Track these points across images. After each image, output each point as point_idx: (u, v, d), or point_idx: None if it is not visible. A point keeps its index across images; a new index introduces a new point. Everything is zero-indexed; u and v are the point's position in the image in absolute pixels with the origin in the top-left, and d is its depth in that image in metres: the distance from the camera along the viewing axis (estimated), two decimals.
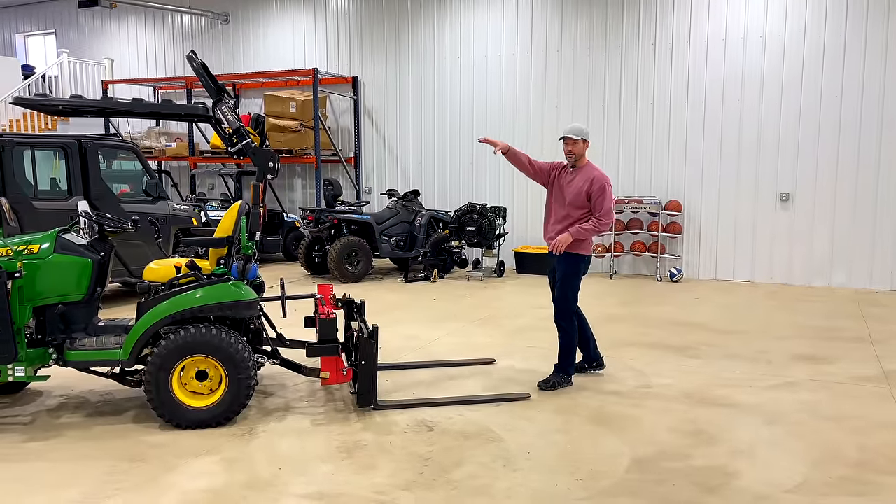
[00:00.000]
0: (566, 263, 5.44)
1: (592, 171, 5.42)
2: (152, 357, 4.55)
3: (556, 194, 5.54)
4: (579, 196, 5.33)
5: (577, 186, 5.35)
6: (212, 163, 13.64)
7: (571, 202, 5.37)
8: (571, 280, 5.46)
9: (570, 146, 5.41)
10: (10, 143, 7.54)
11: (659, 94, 10.87)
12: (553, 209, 5.56)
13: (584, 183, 5.34)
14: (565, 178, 5.47)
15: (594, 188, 5.31)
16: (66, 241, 4.75)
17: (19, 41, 17.33)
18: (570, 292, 5.48)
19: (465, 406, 5.09)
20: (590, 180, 5.34)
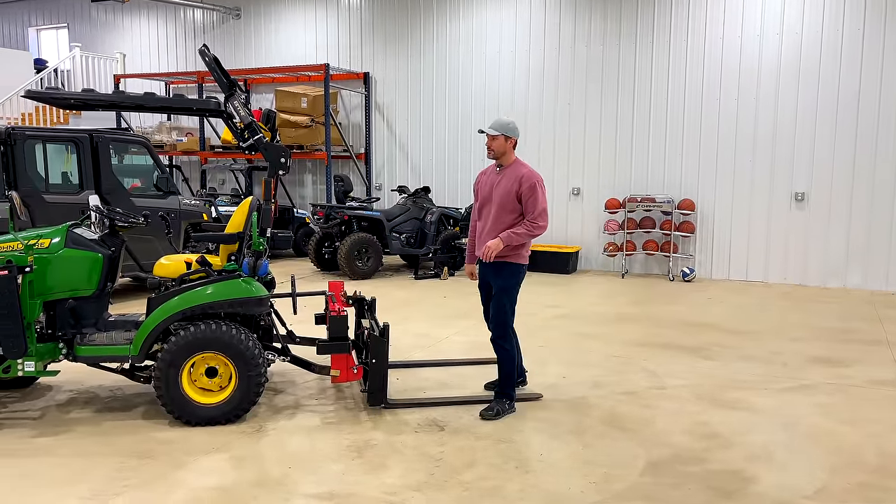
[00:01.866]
0: (502, 275, 4.83)
1: (520, 168, 4.82)
2: (162, 353, 4.52)
3: (483, 199, 4.93)
4: (508, 197, 4.75)
5: (505, 187, 4.77)
6: (222, 158, 13.62)
7: (501, 205, 4.77)
8: (509, 293, 4.84)
9: (489, 141, 4.83)
10: (21, 137, 7.52)
11: (673, 92, 10.76)
12: (482, 215, 4.95)
13: (511, 183, 4.75)
14: (493, 180, 4.88)
15: (523, 188, 4.73)
16: (77, 236, 4.72)
17: (31, 35, 17.37)
18: (508, 306, 4.85)
19: (477, 406, 5.03)
20: (518, 180, 4.75)
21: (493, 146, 4.83)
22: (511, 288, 4.85)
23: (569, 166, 11.57)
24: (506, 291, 4.83)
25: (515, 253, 4.81)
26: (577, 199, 11.57)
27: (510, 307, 4.86)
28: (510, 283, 4.84)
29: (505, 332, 4.87)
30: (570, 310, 8.39)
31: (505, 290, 4.83)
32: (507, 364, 4.89)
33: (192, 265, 4.84)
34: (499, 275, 4.85)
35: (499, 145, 4.82)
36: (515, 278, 4.88)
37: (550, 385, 5.53)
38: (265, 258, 4.88)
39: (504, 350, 4.87)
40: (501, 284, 4.83)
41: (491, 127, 4.84)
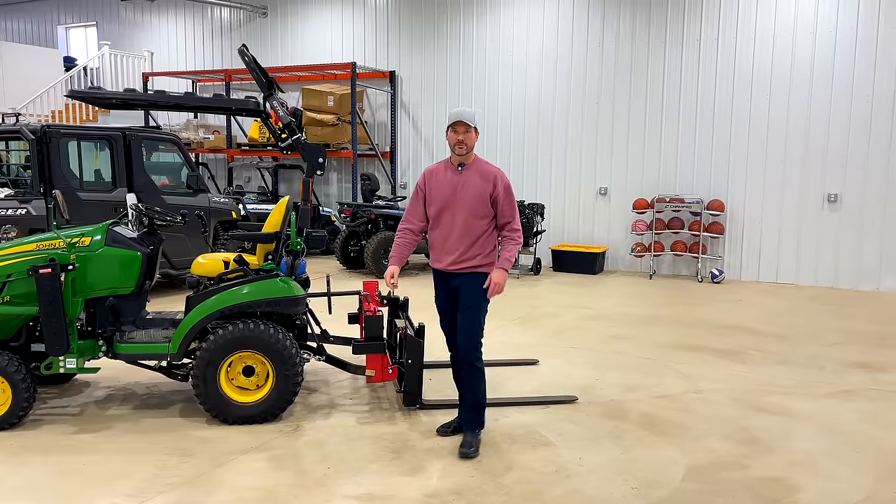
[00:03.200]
0: (475, 285, 4.21)
1: (487, 167, 4.26)
2: (200, 352, 4.55)
3: (442, 203, 4.21)
4: (480, 201, 4.15)
5: (477, 189, 4.16)
6: (249, 156, 13.71)
7: (471, 210, 4.15)
8: (483, 307, 4.29)
9: (462, 135, 4.16)
10: (57, 135, 7.61)
11: (703, 91, 10.65)
12: (441, 223, 4.24)
13: (484, 184, 4.16)
14: (454, 181, 4.20)
15: (499, 190, 4.17)
16: (117, 234, 4.76)
17: (61, 33, 17.58)
18: (481, 324, 4.32)
19: (512, 407, 5.02)
20: (491, 180, 4.18)
21: (466, 141, 4.16)
22: (485, 302, 4.29)
23: (596, 166, 11.49)
24: (481, 306, 4.27)
25: (490, 262, 4.25)
26: (605, 198, 11.49)
27: (482, 325, 4.31)
28: (484, 294, 4.23)
29: (477, 351, 4.29)
30: (598, 311, 8.33)
31: (480, 304, 4.26)
32: (480, 384, 4.33)
33: (229, 264, 4.86)
34: (475, 287, 4.21)
35: (472, 140, 4.19)
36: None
37: (583, 387, 5.49)
38: (302, 258, 4.88)
39: (478, 371, 4.30)
40: (477, 299, 4.22)
41: (465, 117, 4.14)
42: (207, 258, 5.09)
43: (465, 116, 4.17)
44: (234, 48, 14.76)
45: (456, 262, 4.22)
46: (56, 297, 4.37)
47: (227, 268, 4.87)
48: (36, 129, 7.52)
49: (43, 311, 4.38)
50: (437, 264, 4.31)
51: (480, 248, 4.21)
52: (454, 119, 4.20)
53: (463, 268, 4.21)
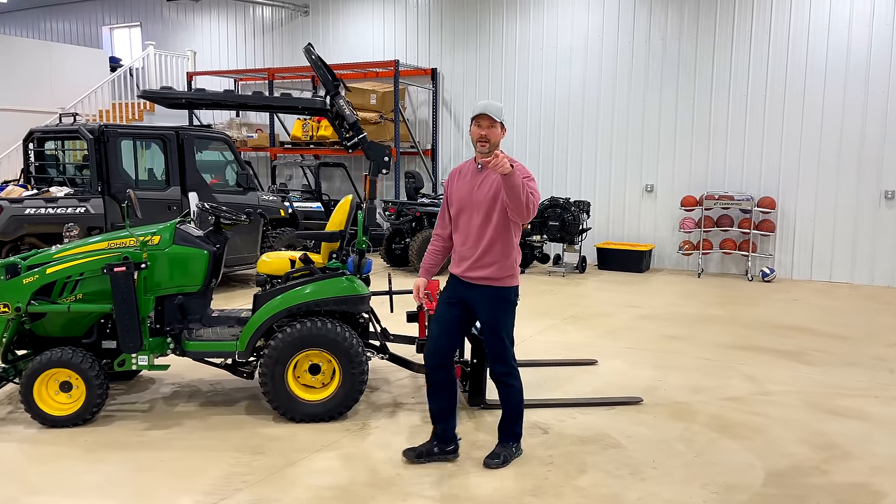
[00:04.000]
0: (496, 304, 3.87)
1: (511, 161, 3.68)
2: (269, 350, 4.57)
3: (461, 205, 3.88)
4: (497, 200, 3.75)
5: (494, 187, 3.76)
6: (291, 154, 13.80)
7: (488, 212, 3.77)
8: (505, 321, 3.93)
9: (486, 130, 3.74)
10: (114, 134, 7.72)
11: (754, 85, 10.44)
12: (460, 225, 3.90)
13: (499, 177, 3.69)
14: (474, 181, 3.85)
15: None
16: (184, 233, 4.81)
17: (105, 33, 17.88)
18: (507, 339, 3.96)
19: (577, 408, 4.96)
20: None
21: (491, 137, 3.76)
22: (508, 317, 3.93)
23: (642, 163, 11.34)
24: (504, 319, 3.90)
25: (509, 274, 3.85)
26: (650, 196, 11.33)
27: (510, 337, 3.97)
28: (507, 311, 3.90)
29: (510, 366, 3.98)
30: (650, 310, 8.22)
31: (503, 317, 3.90)
32: (516, 402, 4.05)
33: (295, 263, 4.88)
34: (491, 303, 3.86)
35: (496, 136, 3.78)
36: (512, 304, 3.94)
37: (647, 389, 5.41)
38: (368, 256, 4.88)
39: (511, 387, 4.01)
40: (497, 312, 3.89)
41: (489, 111, 3.73)
42: (272, 256, 5.11)
43: (490, 109, 3.74)
44: (275, 47, 14.89)
45: (470, 268, 3.84)
46: (130, 295, 4.42)
47: (293, 266, 4.88)
48: (94, 129, 7.64)
49: (117, 309, 4.44)
50: (454, 268, 3.96)
51: (496, 257, 3.80)
52: (478, 111, 3.76)
53: (476, 277, 3.83)
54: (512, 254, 3.86)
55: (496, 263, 3.82)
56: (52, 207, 7.27)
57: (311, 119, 13.02)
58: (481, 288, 3.85)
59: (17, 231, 7.06)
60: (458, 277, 3.93)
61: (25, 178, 8.51)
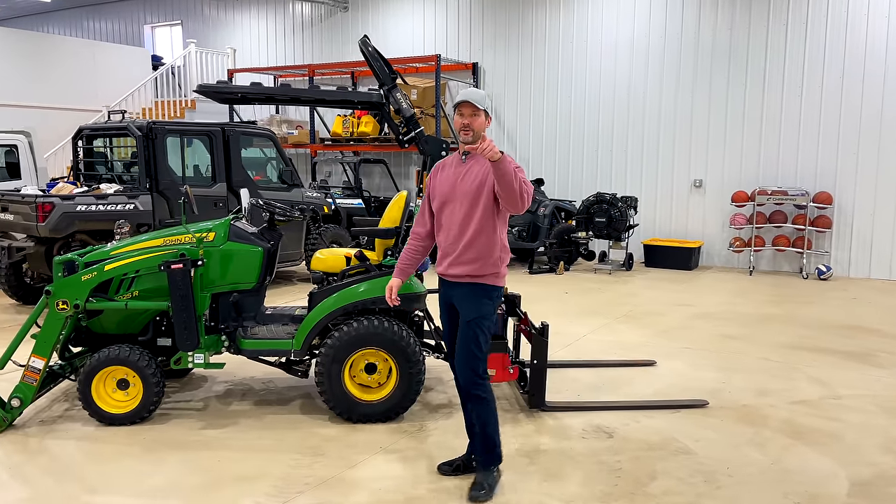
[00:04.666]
0: (475, 299, 3.56)
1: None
2: (325, 349, 4.48)
3: (443, 199, 3.60)
4: (481, 190, 3.47)
5: (476, 175, 3.50)
6: (331, 150, 13.77)
7: (471, 201, 3.49)
8: (483, 325, 3.56)
9: (468, 118, 3.48)
10: (162, 131, 7.73)
11: (809, 76, 10.09)
12: (442, 219, 3.62)
13: (484, 168, 3.47)
14: (458, 173, 3.57)
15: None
16: (239, 230, 4.74)
17: (147, 32, 18.08)
18: (483, 342, 3.58)
19: (640, 411, 4.79)
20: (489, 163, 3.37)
21: (474, 125, 3.48)
22: (487, 316, 3.59)
23: (690, 157, 11.06)
24: (480, 321, 3.56)
25: (492, 272, 3.55)
26: (699, 191, 11.05)
27: (487, 344, 3.61)
28: (486, 310, 3.58)
29: (481, 376, 3.60)
30: (704, 309, 7.98)
31: (479, 320, 3.55)
32: (486, 414, 3.65)
33: (350, 260, 4.78)
34: (471, 300, 3.56)
35: (480, 124, 3.51)
36: (493, 304, 3.61)
37: (711, 391, 5.21)
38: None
39: (483, 401, 3.62)
40: (475, 312, 3.55)
41: (472, 98, 3.49)
42: (326, 253, 5.02)
43: (472, 97, 3.51)
44: (314, 43, 14.87)
45: (452, 265, 3.57)
46: (187, 292, 4.37)
47: (348, 264, 4.79)
48: (142, 126, 7.65)
49: (174, 307, 4.39)
50: (438, 267, 3.68)
51: (479, 252, 3.51)
52: (460, 99, 3.53)
53: (458, 274, 3.55)
54: (496, 250, 3.54)
55: (479, 260, 3.52)
56: (102, 204, 7.29)
57: (352, 115, 12.97)
58: (462, 286, 3.58)
59: (69, 228, 7.10)
60: (441, 277, 3.68)
61: (74, 174, 8.58)
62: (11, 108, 12.97)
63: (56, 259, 4.62)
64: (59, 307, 4.39)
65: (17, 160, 9.59)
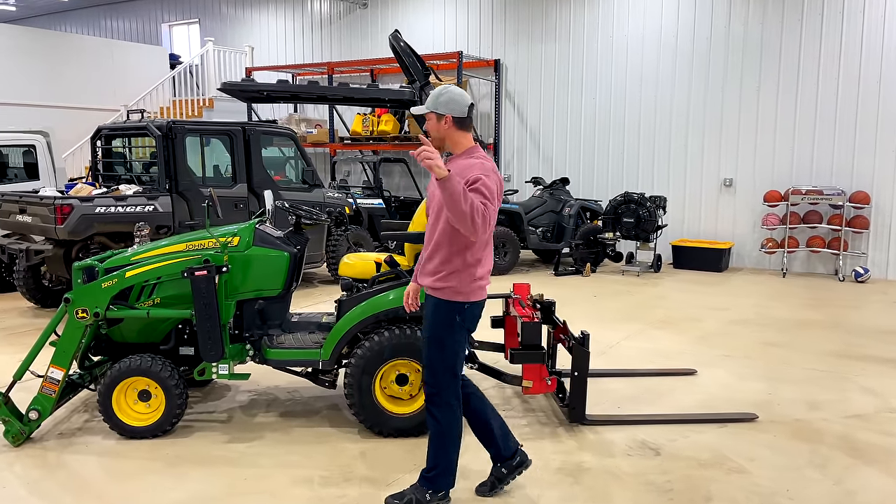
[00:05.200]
0: (433, 315, 3.34)
1: (470, 161, 3.25)
2: (355, 359, 4.27)
3: (428, 207, 3.45)
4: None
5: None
6: (351, 150, 13.57)
7: (438, 209, 3.25)
8: (442, 339, 3.32)
9: (427, 125, 3.36)
10: (182, 131, 7.55)
11: (845, 71, 9.75)
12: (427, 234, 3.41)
13: (460, 173, 3.12)
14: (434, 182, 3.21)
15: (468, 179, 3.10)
16: (264, 234, 4.54)
17: (164, 30, 17.97)
18: (440, 359, 3.33)
19: (686, 425, 4.53)
20: (469, 168, 3.19)
21: (429, 129, 3.31)
22: (446, 331, 3.30)
23: (720, 156, 10.75)
24: (439, 337, 3.32)
25: (450, 285, 3.26)
26: (729, 191, 10.73)
27: (444, 361, 3.33)
28: (440, 329, 3.31)
29: (438, 393, 3.35)
30: (739, 313, 7.69)
31: (438, 335, 3.32)
32: (436, 438, 3.40)
33: (380, 266, 4.56)
34: (429, 314, 3.36)
35: (432, 128, 3.27)
36: (448, 324, 3.30)
37: (758, 403, 4.94)
38: None
39: (431, 418, 3.38)
40: (433, 326, 3.34)
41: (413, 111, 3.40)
42: (355, 259, 4.80)
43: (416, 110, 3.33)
44: (333, 41, 14.67)
45: (419, 274, 3.42)
46: (212, 300, 4.17)
47: (378, 270, 4.57)
48: (162, 126, 7.48)
49: (198, 315, 4.20)
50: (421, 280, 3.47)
51: (443, 265, 3.26)
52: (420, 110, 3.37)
53: (423, 284, 3.38)
54: (455, 261, 3.24)
55: (443, 272, 3.27)
56: (121, 206, 7.12)
57: (372, 113, 12.77)
58: (428, 298, 3.37)
59: (88, 230, 6.94)
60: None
61: (93, 175, 8.43)
62: (28, 108, 12.88)
63: (75, 265, 4.44)
64: (79, 315, 4.21)
65: (35, 161, 9.47)
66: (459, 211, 2.97)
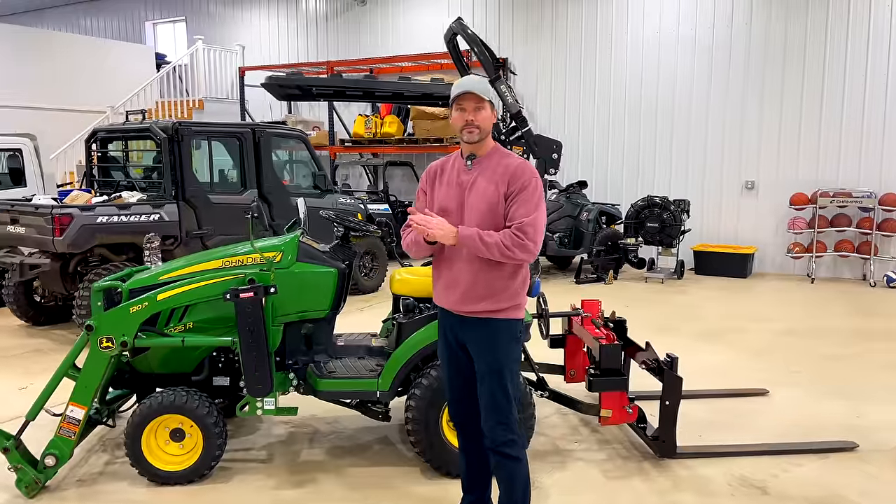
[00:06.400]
0: (495, 341, 2.90)
1: (507, 157, 2.90)
2: (420, 391, 3.76)
3: (443, 209, 2.93)
4: (492, 210, 2.83)
5: (484, 190, 2.85)
6: (352, 152, 13.01)
7: (481, 224, 2.82)
8: (508, 369, 2.91)
9: (472, 113, 2.84)
10: (188, 133, 6.96)
11: (873, 68, 9.45)
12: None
13: (498, 184, 2.84)
14: (463, 181, 2.91)
15: (515, 188, 2.81)
16: (308, 248, 4.01)
17: (148, 29, 17.24)
18: (513, 389, 2.94)
19: (782, 457, 4.09)
20: (507, 178, 2.84)
21: (478, 120, 2.85)
22: (510, 367, 2.92)
23: (741, 157, 10.40)
24: (506, 367, 2.90)
25: (514, 304, 2.91)
26: (751, 193, 10.39)
27: (512, 394, 2.93)
28: (510, 354, 2.92)
29: (514, 430, 2.92)
30: (787, 323, 7.30)
31: (504, 366, 2.90)
32: (519, 485, 2.96)
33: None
34: (490, 344, 2.90)
35: (485, 120, 2.89)
36: (516, 344, 2.96)
37: (849, 428, 4.52)
38: (537, 275, 4.05)
39: (513, 461, 2.93)
40: (498, 359, 2.89)
41: (476, 89, 2.84)
42: (407, 274, 4.29)
43: (475, 87, 2.84)
44: (329, 39, 14.11)
45: (462, 300, 2.91)
46: (259, 326, 3.64)
47: None
48: (167, 127, 6.89)
49: (244, 344, 3.65)
50: (440, 300, 3.03)
51: (494, 284, 2.87)
52: (460, 91, 2.85)
53: (471, 312, 2.90)
54: (515, 280, 2.92)
55: (496, 292, 2.88)
56: (125, 215, 6.52)
57: (375, 115, 12.23)
58: (477, 324, 2.91)
59: (89, 242, 6.33)
60: (447, 311, 3.00)
61: (88, 182, 7.79)
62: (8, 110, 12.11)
63: (95, 286, 3.88)
64: (104, 345, 3.64)
65: (21, 166, 8.79)
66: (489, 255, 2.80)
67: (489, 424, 2.96)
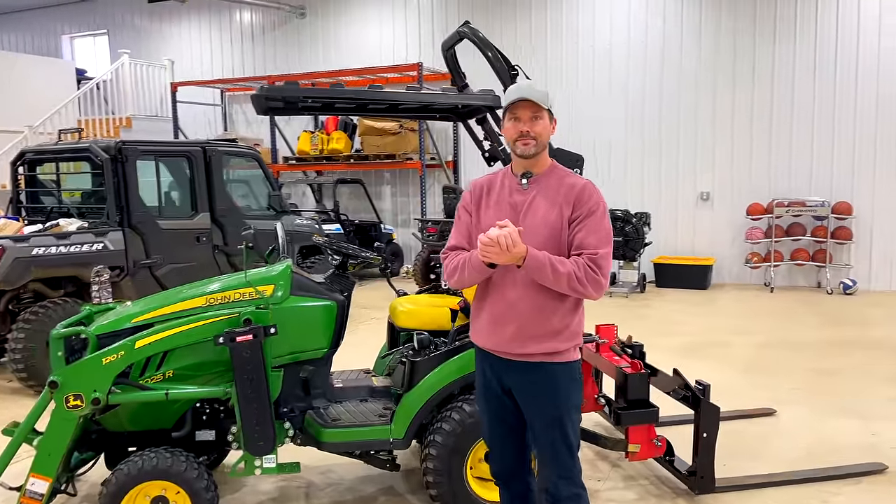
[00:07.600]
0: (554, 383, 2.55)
1: (569, 177, 2.59)
2: (441, 436, 3.36)
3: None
4: (554, 234, 2.49)
5: (548, 214, 2.51)
6: (295, 170, 12.43)
7: (542, 246, 2.45)
8: (570, 419, 2.58)
9: (528, 123, 2.50)
10: (133, 153, 6.32)
11: (820, 79, 9.67)
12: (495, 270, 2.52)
13: (562, 205, 2.51)
14: (519, 201, 2.56)
15: (582, 211, 2.49)
16: (302, 279, 3.55)
17: (65, 43, 16.13)
18: (574, 437, 2.59)
19: (815, 484, 3.88)
20: (573, 199, 2.51)
21: (535, 132, 2.50)
22: (574, 409, 2.60)
23: (696, 168, 10.45)
24: (568, 416, 2.57)
25: (575, 343, 2.58)
26: (706, 204, 10.44)
27: (574, 441, 2.59)
28: (570, 399, 2.58)
29: (576, 483, 2.59)
30: (765, 336, 7.24)
31: (566, 414, 2.56)
32: None
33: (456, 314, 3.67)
34: (551, 389, 2.55)
35: (544, 131, 2.53)
36: (577, 387, 2.62)
37: (869, 448, 4.37)
38: None
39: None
40: (559, 406, 2.56)
41: (535, 96, 2.47)
42: (411, 305, 3.87)
43: (533, 93, 2.47)
44: (266, 53, 13.51)
45: (515, 338, 2.53)
46: (260, 374, 3.15)
47: (453, 319, 3.67)
48: (109, 147, 6.23)
49: (242, 395, 3.15)
50: (481, 338, 2.64)
51: (554, 321, 2.53)
52: (516, 97, 2.50)
53: (524, 354, 2.53)
54: (578, 315, 2.61)
55: (558, 330, 2.53)
56: (63, 245, 5.82)
57: (321, 131, 11.72)
58: (531, 367, 2.54)
59: (24, 277, 5.59)
60: (489, 353, 2.64)
61: (14, 209, 6.99)
62: None
63: (53, 333, 3.28)
64: (71, 404, 3.07)
65: None
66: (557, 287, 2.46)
67: (551, 480, 2.59)
